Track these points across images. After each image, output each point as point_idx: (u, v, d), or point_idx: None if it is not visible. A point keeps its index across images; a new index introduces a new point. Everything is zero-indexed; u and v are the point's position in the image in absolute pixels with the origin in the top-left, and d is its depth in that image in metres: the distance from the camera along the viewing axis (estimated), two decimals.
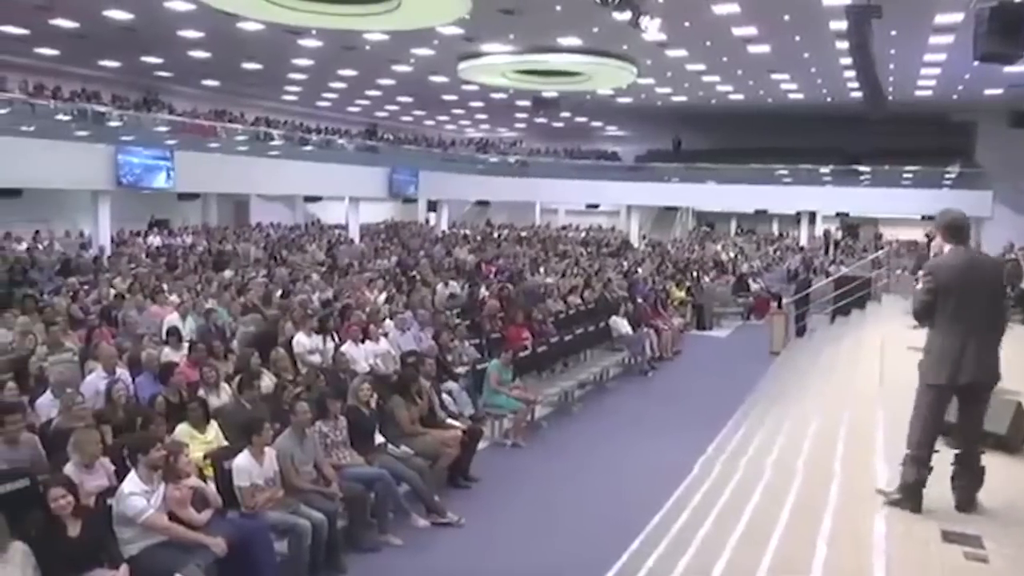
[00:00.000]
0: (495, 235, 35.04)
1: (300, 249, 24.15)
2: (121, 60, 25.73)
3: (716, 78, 26.29)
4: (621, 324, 14.08)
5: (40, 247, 21.98)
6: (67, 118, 22.18)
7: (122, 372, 8.09)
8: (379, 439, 7.31)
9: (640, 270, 22.01)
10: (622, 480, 8.62)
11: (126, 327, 10.64)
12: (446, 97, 32.39)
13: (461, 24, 19.28)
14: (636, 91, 28.75)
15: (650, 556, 5.72)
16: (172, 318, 11.38)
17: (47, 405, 7.28)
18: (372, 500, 6.66)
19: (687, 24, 18.97)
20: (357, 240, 28.48)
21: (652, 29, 17.06)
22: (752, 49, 21.36)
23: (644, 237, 36.56)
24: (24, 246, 21.91)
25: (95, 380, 7.95)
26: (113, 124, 23.25)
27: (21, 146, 18.39)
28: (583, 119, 38.92)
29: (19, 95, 23.20)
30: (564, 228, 40.69)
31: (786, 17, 18.07)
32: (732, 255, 29.43)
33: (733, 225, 43.94)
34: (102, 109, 24.59)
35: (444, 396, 8.71)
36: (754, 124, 35.46)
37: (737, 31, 19.49)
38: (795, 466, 6.59)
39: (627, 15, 16.51)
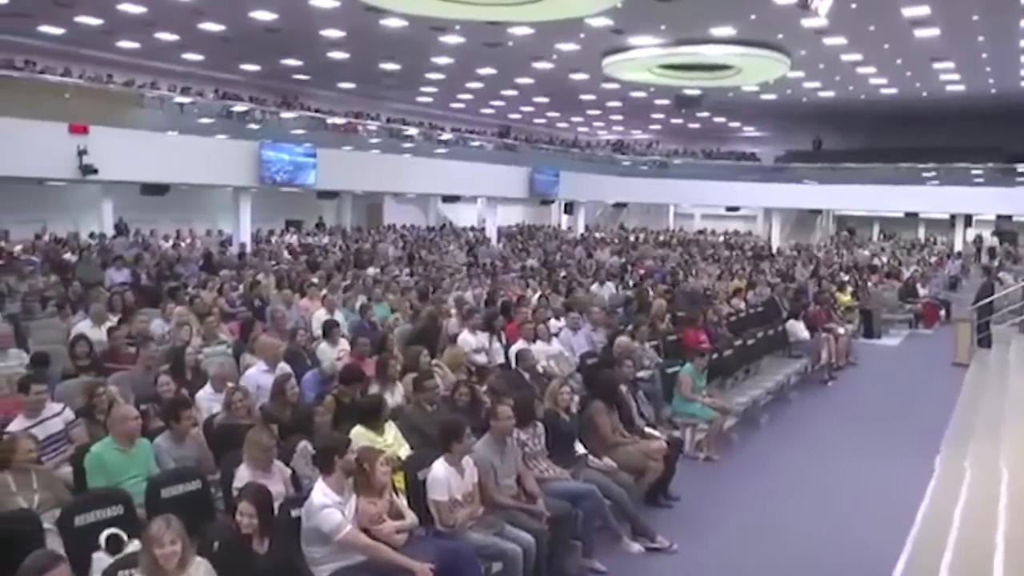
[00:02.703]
0: (631, 238, 34.00)
1: (440, 249, 23.68)
2: (261, 64, 26.12)
3: (871, 69, 24.77)
4: (799, 328, 12.82)
5: (183, 244, 22.22)
6: (210, 121, 22.25)
7: (284, 367, 7.45)
8: (579, 449, 6.36)
9: (796, 274, 20.63)
10: (844, 501, 7.50)
11: (275, 321, 10.07)
12: (584, 97, 31.65)
13: (611, 14, 18.42)
14: (782, 86, 27.47)
15: None
16: (321, 313, 10.88)
17: (207, 399, 6.75)
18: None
19: (853, 6, 17.55)
20: (494, 241, 27.92)
21: (823, 9, 15.80)
22: (919, 33, 19.77)
23: (794, 242, 34.80)
24: (170, 243, 22.20)
25: (256, 374, 7.35)
26: (255, 124, 23.28)
27: (170, 143, 18.50)
28: (721, 119, 37.75)
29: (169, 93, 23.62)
30: (701, 232, 39.27)
31: None
32: (886, 260, 27.55)
33: (876, 230, 41.61)
34: (249, 107, 24.77)
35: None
36: (899, 122, 33.61)
37: (907, 11, 17.98)
38: None
39: None
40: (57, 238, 21.81)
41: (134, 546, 4.34)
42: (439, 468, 5.09)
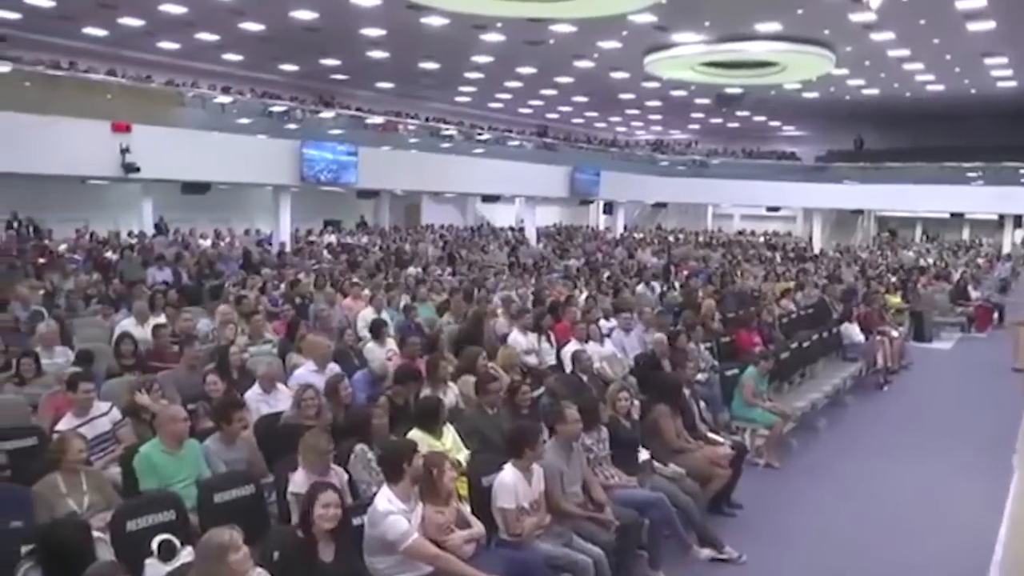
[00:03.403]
0: (670, 239, 33.58)
1: (482, 250, 23.46)
2: (300, 64, 26.16)
3: (919, 65, 24.22)
4: (853, 331, 12.42)
5: (222, 243, 22.20)
6: (252, 120, 22.15)
7: (334, 367, 7.25)
8: (643, 455, 6.07)
9: (843, 275, 20.15)
10: (916, 508, 7.19)
11: (319, 321, 9.89)
12: (623, 96, 31.36)
13: (655, 10, 18.11)
14: (825, 84, 27.02)
15: None
16: (367, 312, 10.69)
17: (256, 399, 6.53)
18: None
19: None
20: (534, 241, 27.64)
21: (874, 2, 15.47)
22: (972, 27, 19.16)
23: (835, 243, 34.21)
24: (208, 242, 22.19)
25: (304, 374, 7.14)
26: (294, 124, 23.16)
27: (211, 142, 18.42)
28: (761, 118, 37.29)
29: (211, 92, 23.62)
30: (740, 233, 38.75)
31: None
32: (932, 261, 26.94)
33: (918, 231, 40.81)
34: (290, 105, 24.69)
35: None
36: (944, 120, 32.77)
37: (961, 4, 17.46)
38: None
39: None
40: (98, 237, 21.86)
41: (187, 552, 4.18)
42: (507, 474, 4.82)
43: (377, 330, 8.75)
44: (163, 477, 5.01)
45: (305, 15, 19.43)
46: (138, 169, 15.98)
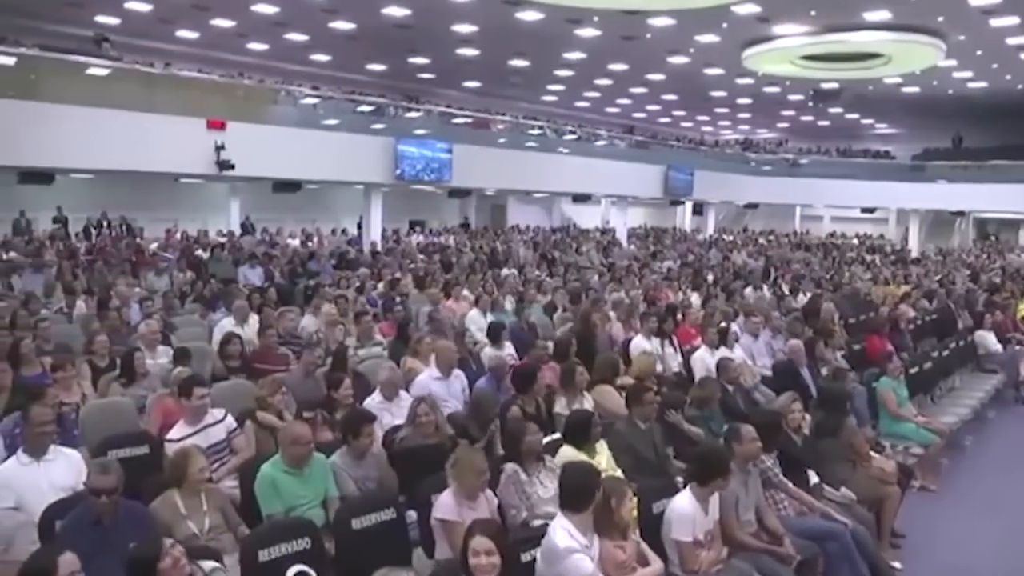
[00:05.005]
0: (762, 240, 32.49)
1: (576, 251, 22.85)
2: (388, 63, 26.00)
3: None
4: (989, 339, 11.48)
5: (311, 243, 22.05)
6: (346, 116, 21.81)
7: (459, 374, 6.78)
8: (812, 478, 5.38)
9: (956, 279, 19.03)
10: None
11: (434, 323, 9.42)
12: (714, 93, 30.48)
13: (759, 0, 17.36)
14: (928, 78, 25.54)
15: None
16: (474, 314, 10.26)
17: (377, 408, 6.02)
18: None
19: None
20: (625, 243, 26.92)
21: None
22: None
23: (934, 246, 32.70)
24: (297, 241, 22.08)
25: (427, 381, 6.68)
26: (381, 124, 22.72)
27: (304, 139, 18.15)
28: (853, 116, 35.83)
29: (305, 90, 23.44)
30: (831, 235, 37.37)
31: None
32: None
33: (1022, 234, 38.76)
34: (384, 102, 24.34)
35: None
36: None
37: None
38: None
39: None
40: (188, 235, 21.90)
41: None
42: (684, 501, 4.26)
43: (495, 333, 8.26)
44: (287, 499, 4.59)
45: (397, 11, 19.17)
46: (233, 166, 15.76)
